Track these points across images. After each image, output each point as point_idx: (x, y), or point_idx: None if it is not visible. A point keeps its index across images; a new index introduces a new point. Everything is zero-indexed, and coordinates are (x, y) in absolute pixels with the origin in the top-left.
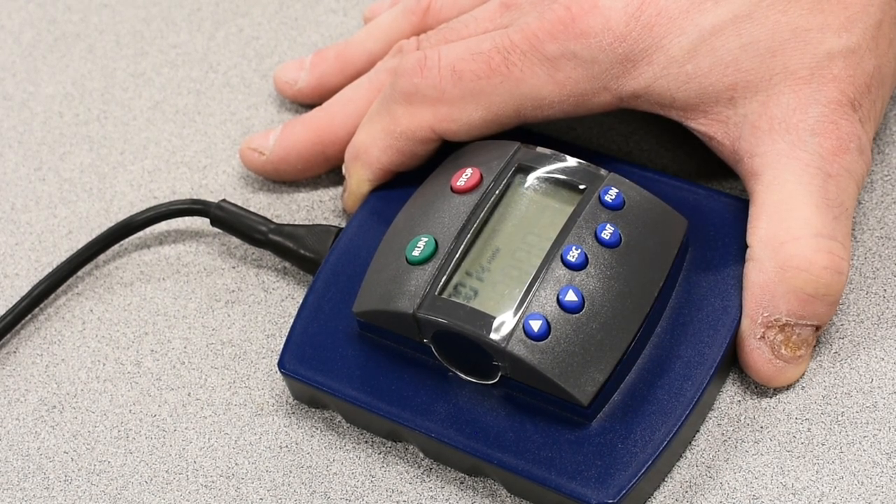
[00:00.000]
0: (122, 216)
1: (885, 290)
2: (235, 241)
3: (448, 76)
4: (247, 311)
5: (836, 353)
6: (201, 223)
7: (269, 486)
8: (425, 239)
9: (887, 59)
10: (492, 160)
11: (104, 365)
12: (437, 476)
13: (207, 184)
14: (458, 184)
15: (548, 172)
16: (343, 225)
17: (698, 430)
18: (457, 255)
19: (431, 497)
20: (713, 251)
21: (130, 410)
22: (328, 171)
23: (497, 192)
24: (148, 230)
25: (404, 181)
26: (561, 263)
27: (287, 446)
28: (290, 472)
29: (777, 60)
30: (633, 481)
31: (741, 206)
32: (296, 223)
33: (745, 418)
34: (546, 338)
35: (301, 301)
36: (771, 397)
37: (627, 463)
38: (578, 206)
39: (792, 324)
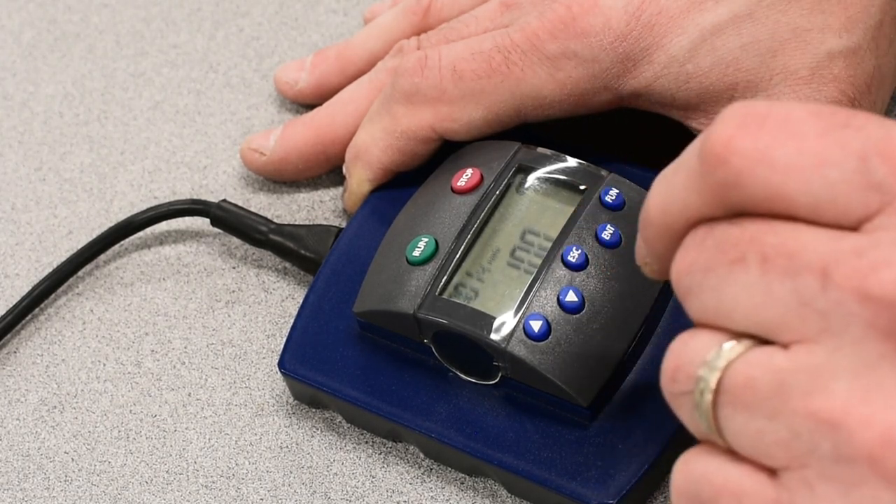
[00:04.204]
0: (122, 216)
1: None
2: (236, 241)
3: (448, 76)
4: (247, 311)
5: None
6: (201, 223)
7: (269, 487)
8: (426, 239)
9: (887, 59)
10: (492, 160)
11: (104, 365)
12: (437, 476)
13: (207, 184)
14: (459, 184)
15: (548, 173)
16: (343, 225)
17: None
18: (457, 256)
19: (432, 497)
20: None
21: (131, 410)
22: (329, 171)
23: (497, 192)
24: (148, 230)
25: (404, 181)
26: (561, 264)
27: (287, 446)
28: (291, 472)
29: (777, 60)
30: (633, 481)
31: None
32: (296, 223)
33: None
34: (546, 338)
35: (301, 301)
36: None
37: (627, 463)
38: (579, 206)
39: None
